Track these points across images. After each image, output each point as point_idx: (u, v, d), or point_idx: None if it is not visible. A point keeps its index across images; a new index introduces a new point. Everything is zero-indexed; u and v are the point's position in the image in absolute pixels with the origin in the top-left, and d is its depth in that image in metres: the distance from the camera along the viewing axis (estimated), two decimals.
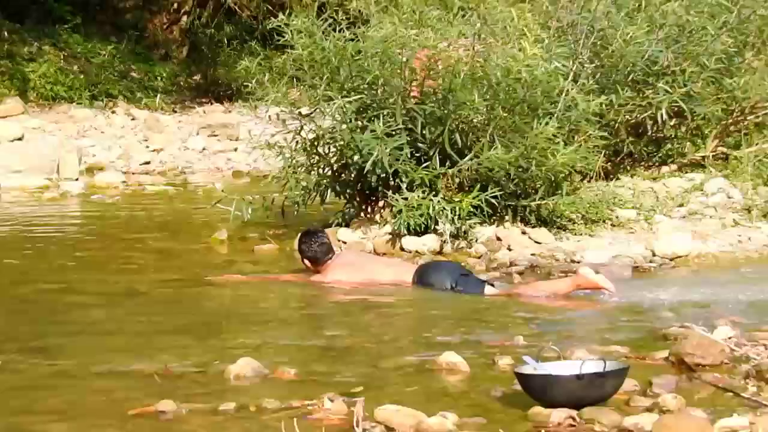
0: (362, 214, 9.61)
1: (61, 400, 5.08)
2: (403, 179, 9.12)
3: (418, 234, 8.94)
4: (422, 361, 5.68)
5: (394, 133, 9.12)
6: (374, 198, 9.55)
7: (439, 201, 8.91)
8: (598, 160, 10.00)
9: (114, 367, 5.58)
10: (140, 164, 16.02)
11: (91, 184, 14.19)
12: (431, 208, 8.86)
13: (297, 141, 9.80)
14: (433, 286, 7.64)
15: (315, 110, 9.64)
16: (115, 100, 19.64)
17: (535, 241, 8.96)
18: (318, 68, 9.48)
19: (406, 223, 8.86)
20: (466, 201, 8.91)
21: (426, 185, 9.08)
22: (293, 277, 8.10)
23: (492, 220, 9.16)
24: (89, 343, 6.20)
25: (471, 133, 9.25)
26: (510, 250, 8.80)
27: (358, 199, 9.73)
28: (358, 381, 5.26)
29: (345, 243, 9.09)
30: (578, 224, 9.30)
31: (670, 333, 6.15)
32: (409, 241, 8.92)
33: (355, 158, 9.26)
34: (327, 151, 9.77)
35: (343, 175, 9.77)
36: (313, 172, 9.84)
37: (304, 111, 9.75)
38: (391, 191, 9.18)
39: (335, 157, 9.74)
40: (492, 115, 9.08)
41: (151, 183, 14.51)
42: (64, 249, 9.39)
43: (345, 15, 9.85)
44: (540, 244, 8.92)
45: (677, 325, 6.30)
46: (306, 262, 8.03)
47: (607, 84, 10.19)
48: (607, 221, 9.44)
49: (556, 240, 9.02)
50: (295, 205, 9.90)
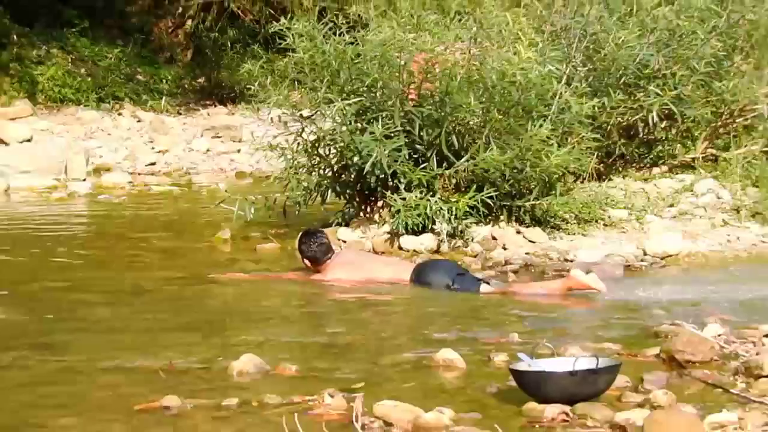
0: (362, 214, 9.61)
1: (68, 395, 5.08)
2: (402, 180, 9.12)
3: (415, 233, 8.94)
4: (420, 357, 5.67)
5: (392, 134, 9.12)
6: (373, 198, 9.55)
7: (436, 201, 8.90)
8: (591, 162, 10.00)
9: (120, 363, 5.57)
10: (146, 165, 16.02)
11: (98, 184, 14.18)
12: (429, 208, 8.86)
13: (298, 143, 9.80)
14: (430, 285, 7.62)
15: (316, 112, 9.64)
16: (122, 102, 19.63)
17: (530, 241, 8.96)
18: (319, 71, 9.48)
19: (404, 223, 8.87)
20: (463, 201, 8.91)
21: (423, 186, 9.08)
22: (295, 276, 8.09)
23: (487, 220, 9.16)
24: (96, 339, 6.19)
25: (467, 135, 9.25)
26: (505, 249, 8.80)
27: (357, 200, 9.73)
28: (357, 377, 5.26)
29: (345, 242, 9.09)
30: (571, 224, 9.30)
31: (661, 330, 6.14)
32: (407, 240, 8.91)
33: (355, 159, 9.26)
34: (327, 153, 9.77)
35: (343, 175, 9.77)
36: (313, 173, 9.84)
37: (305, 113, 9.75)
38: (389, 192, 9.18)
39: (335, 159, 9.73)
40: (488, 118, 9.08)
41: (156, 183, 14.51)
42: (72, 247, 9.38)
43: (345, 19, 9.84)
44: (534, 243, 8.92)
45: (668, 322, 6.29)
46: (306, 261, 8.02)
47: (600, 87, 10.19)
48: (599, 221, 9.44)
49: (549, 239, 9.02)
50: (297, 205, 9.90)
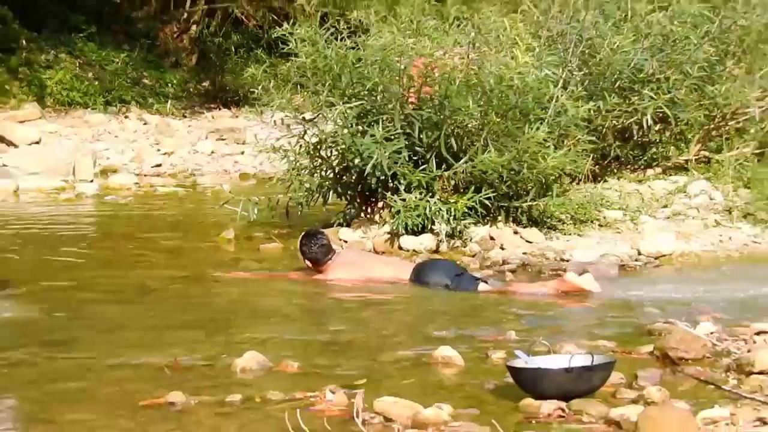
0: (362, 215, 9.60)
1: (76, 391, 5.09)
2: (402, 181, 9.12)
3: (415, 233, 8.94)
4: (419, 355, 5.67)
5: (392, 137, 9.12)
6: (374, 199, 9.55)
7: (435, 202, 8.90)
8: (587, 164, 10.00)
9: (126, 360, 5.57)
10: (152, 167, 16.01)
11: (105, 185, 14.17)
12: (428, 209, 8.86)
13: (301, 145, 9.80)
14: (429, 284, 7.62)
15: (318, 115, 9.65)
16: (128, 105, 19.63)
17: (527, 241, 8.96)
18: (320, 75, 9.48)
19: (404, 223, 8.86)
20: (461, 202, 8.91)
21: (423, 187, 9.08)
22: (297, 275, 8.09)
23: (486, 221, 9.16)
24: (102, 337, 6.19)
25: (466, 138, 9.24)
26: (503, 249, 8.80)
27: (358, 200, 9.72)
28: (358, 374, 5.26)
29: (346, 242, 9.09)
30: (567, 224, 9.30)
31: (654, 328, 6.14)
32: (407, 241, 8.91)
33: (356, 161, 9.26)
34: (329, 155, 9.77)
35: (344, 177, 9.77)
36: (315, 175, 9.84)
37: (308, 116, 9.75)
38: (390, 193, 9.17)
39: (337, 160, 9.73)
40: (486, 121, 9.07)
41: (162, 185, 14.49)
42: (79, 247, 9.37)
43: (346, 24, 9.86)
44: (531, 243, 8.92)
45: (661, 321, 6.30)
46: (307, 262, 8.02)
47: (595, 91, 10.19)
48: (594, 222, 9.44)
49: (546, 239, 9.02)
50: (299, 206, 9.90)
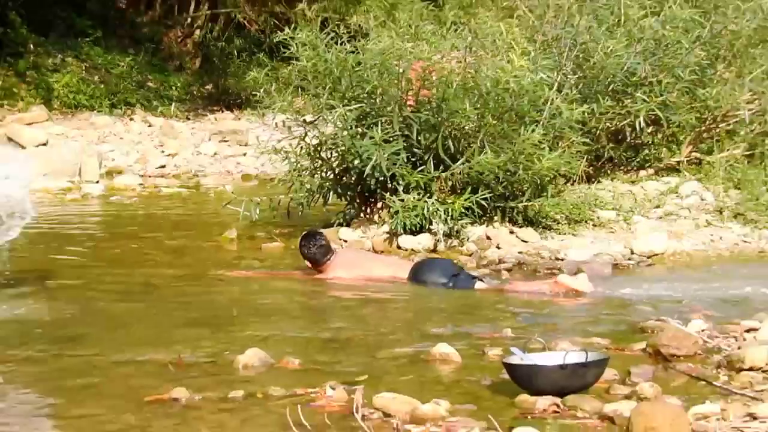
0: (362, 215, 9.60)
1: (82, 387, 5.08)
2: (400, 182, 9.11)
3: (413, 233, 8.93)
4: (417, 351, 5.67)
5: (391, 139, 9.11)
6: (373, 199, 9.54)
7: (433, 202, 8.89)
8: (581, 165, 9.99)
9: (131, 357, 5.57)
10: (156, 168, 15.99)
11: (111, 186, 14.15)
12: (426, 209, 8.85)
13: (301, 146, 9.79)
14: (427, 282, 7.62)
15: (318, 118, 9.64)
16: (133, 108, 19.60)
17: (522, 240, 8.95)
18: (321, 79, 9.47)
19: (402, 223, 8.85)
20: (458, 202, 8.90)
21: (421, 188, 9.07)
22: (298, 274, 8.08)
23: (482, 221, 9.15)
24: (109, 334, 6.19)
25: (463, 139, 9.24)
26: (499, 248, 8.79)
27: (358, 201, 9.72)
28: (358, 370, 5.25)
29: (346, 241, 9.08)
30: (562, 224, 9.29)
31: (647, 326, 6.15)
32: (405, 240, 8.90)
33: (356, 162, 9.25)
34: (329, 156, 9.76)
35: (344, 178, 9.76)
36: (316, 176, 9.83)
37: (308, 118, 9.75)
38: (388, 193, 9.17)
39: (337, 162, 9.72)
40: (482, 123, 9.07)
41: (166, 185, 14.47)
42: (85, 246, 9.37)
43: (346, 29, 9.86)
44: (527, 242, 8.91)
45: (654, 318, 6.31)
46: (307, 262, 8.01)
47: (589, 94, 10.18)
48: (588, 221, 9.43)
49: (541, 239, 9.01)
50: (300, 206, 9.89)
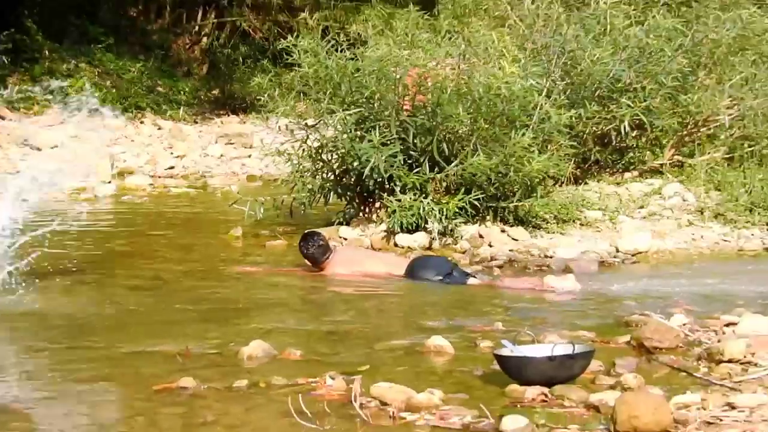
0: (361, 214, 9.60)
1: (93, 377, 5.09)
2: (397, 183, 9.12)
3: (410, 232, 8.94)
4: (413, 344, 5.68)
5: (388, 142, 9.12)
6: (371, 200, 9.55)
7: (428, 203, 8.90)
8: (569, 167, 9.99)
9: (142, 348, 5.58)
10: (165, 169, 15.97)
11: (122, 186, 14.15)
12: (421, 209, 8.86)
13: (303, 149, 9.79)
14: (422, 278, 7.64)
15: (319, 121, 9.64)
16: (144, 111, 19.57)
17: (513, 239, 8.96)
18: (322, 84, 9.48)
19: (399, 222, 8.86)
20: (453, 202, 8.91)
21: (417, 188, 9.08)
22: (300, 270, 8.08)
23: (475, 220, 9.16)
24: (120, 326, 6.20)
25: (456, 143, 9.24)
26: (491, 246, 8.81)
27: (357, 201, 9.72)
28: (356, 361, 5.27)
29: (346, 239, 9.09)
30: (551, 223, 9.30)
31: (631, 320, 6.16)
32: (402, 238, 8.91)
33: (355, 164, 9.26)
34: (330, 158, 9.77)
35: (344, 179, 9.77)
36: (317, 177, 9.82)
37: (310, 122, 9.75)
38: (386, 194, 9.18)
39: (337, 163, 9.73)
40: (475, 127, 9.08)
41: (175, 186, 14.47)
42: (98, 243, 9.36)
43: (346, 37, 9.89)
44: (517, 241, 8.92)
45: (638, 313, 6.31)
46: (307, 261, 8.02)
47: (577, 99, 10.18)
48: (576, 221, 9.44)
49: (531, 237, 9.02)
50: (302, 206, 9.90)
